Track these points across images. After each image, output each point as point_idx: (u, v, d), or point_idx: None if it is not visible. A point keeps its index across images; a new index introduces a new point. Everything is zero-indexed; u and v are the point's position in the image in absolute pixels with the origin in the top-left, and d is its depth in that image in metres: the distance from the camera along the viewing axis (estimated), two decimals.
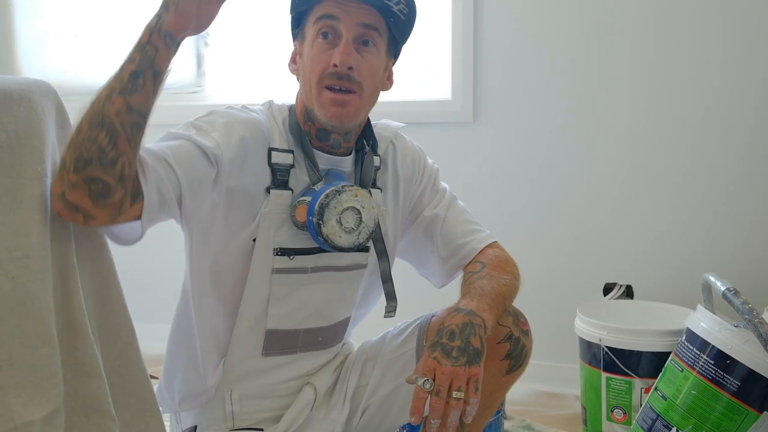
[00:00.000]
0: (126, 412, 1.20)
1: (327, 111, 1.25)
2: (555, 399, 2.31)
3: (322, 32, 1.24)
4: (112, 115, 1.02)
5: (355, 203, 1.25)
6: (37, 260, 0.98)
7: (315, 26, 1.25)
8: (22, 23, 2.94)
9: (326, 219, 1.22)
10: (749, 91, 2.18)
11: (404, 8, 1.27)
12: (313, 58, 1.25)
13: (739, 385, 1.54)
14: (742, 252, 2.22)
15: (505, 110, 2.40)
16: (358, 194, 1.25)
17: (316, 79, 1.24)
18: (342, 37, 1.24)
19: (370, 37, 1.26)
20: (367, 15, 1.25)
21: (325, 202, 1.22)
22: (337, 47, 1.23)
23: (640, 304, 2.19)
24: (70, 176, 1.00)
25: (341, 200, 1.23)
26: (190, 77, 2.82)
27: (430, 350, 1.16)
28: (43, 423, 0.98)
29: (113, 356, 1.19)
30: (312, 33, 1.26)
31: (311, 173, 1.27)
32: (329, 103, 1.24)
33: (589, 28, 2.30)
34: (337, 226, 1.23)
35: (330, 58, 1.23)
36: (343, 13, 1.23)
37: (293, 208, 1.26)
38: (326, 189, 1.24)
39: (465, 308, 1.22)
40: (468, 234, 1.44)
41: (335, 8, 1.23)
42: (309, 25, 1.27)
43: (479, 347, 1.16)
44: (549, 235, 2.41)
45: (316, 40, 1.25)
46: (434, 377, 1.12)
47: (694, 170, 2.26)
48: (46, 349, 0.99)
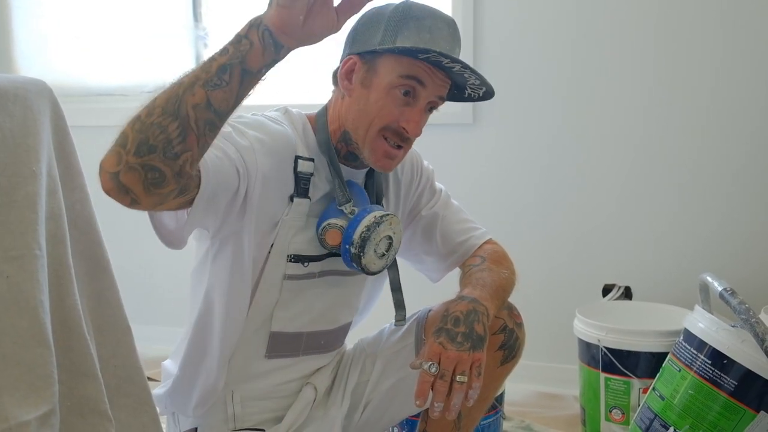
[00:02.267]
0: (122, 413, 1.20)
1: (378, 161, 1.27)
2: (554, 400, 2.30)
3: (404, 90, 1.22)
4: (189, 108, 0.96)
5: (389, 231, 1.28)
6: (32, 260, 0.98)
7: (399, 79, 1.21)
8: (20, 24, 2.94)
9: (366, 251, 1.25)
10: (749, 93, 2.18)
11: (478, 95, 1.31)
12: (384, 106, 1.23)
13: (736, 385, 1.54)
14: (741, 254, 2.22)
15: (506, 112, 2.40)
16: (393, 222, 1.28)
17: (378, 125, 1.24)
18: (419, 103, 1.24)
19: (436, 105, 1.28)
20: (445, 87, 1.26)
21: (367, 235, 1.24)
22: (409, 108, 1.23)
23: (638, 305, 2.19)
24: (129, 158, 0.94)
25: (380, 231, 1.25)
26: None
27: (435, 335, 1.19)
28: (38, 423, 0.98)
29: (109, 356, 1.19)
30: (392, 80, 1.22)
31: (340, 193, 1.28)
32: (382, 154, 1.26)
33: (589, 30, 2.30)
34: (373, 255, 1.26)
35: (401, 116, 1.23)
36: (431, 82, 1.23)
37: (323, 231, 1.26)
38: (362, 217, 1.25)
39: (469, 296, 1.25)
40: (466, 231, 1.47)
41: (426, 74, 1.22)
42: (390, 68, 1.22)
43: (482, 333, 1.20)
44: (548, 236, 2.41)
45: (393, 90, 1.22)
46: (439, 361, 1.15)
47: (693, 172, 2.25)
48: (41, 348, 0.99)
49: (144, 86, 2.84)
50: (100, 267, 1.18)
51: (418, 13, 1.22)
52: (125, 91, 2.86)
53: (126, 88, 2.86)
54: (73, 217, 1.13)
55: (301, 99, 2.44)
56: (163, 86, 0.97)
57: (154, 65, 2.84)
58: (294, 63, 2.82)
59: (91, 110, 2.80)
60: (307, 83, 2.54)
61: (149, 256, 2.82)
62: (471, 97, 1.33)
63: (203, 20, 2.77)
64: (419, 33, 1.20)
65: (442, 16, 1.25)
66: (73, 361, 1.08)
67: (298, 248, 1.28)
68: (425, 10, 1.23)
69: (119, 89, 2.87)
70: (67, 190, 1.12)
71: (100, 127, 2.89)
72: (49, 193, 1.07)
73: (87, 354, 1.09)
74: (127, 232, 2.82)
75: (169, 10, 2.78)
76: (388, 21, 1.22)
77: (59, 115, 1.11)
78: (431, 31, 1.21)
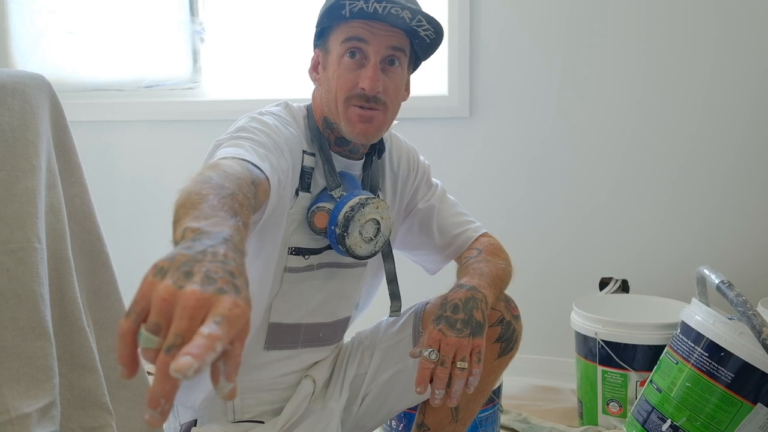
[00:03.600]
0: (123, 406, 1.21)
1: (354, 127, 1.27)
2: (551, 393, 2.31)
3: (350, 52, 1.25)
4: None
5: (376, 215, 1.28)
6: (31, 253, 0.98)
7: (342, 45, 1.24)
8: (16, 19, 2.93)
9: (350, 231, 1.25)
10: (744, 86, 2.18)
11: (431, 33, 1.27)
12: (340, 76, 1.25)
13: (733, 377, 1.55)
14: (737, 246, 2.23)
15: (502, 105, 2.40)
16: (379, 206, 1.28)
17: (343, 97, 1.26)
18: (369, 59, 1.24)
19: (395, 57, 1.27)
20: (395, 38, 1.25)
21: (350, 215, 1.24)
22: (364, 68, 1.24)
23: (635, 298, 2.20)
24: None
25: (365, 213, 1.26)
26: (186, 73, 2.82)
27: (434, 323, 1.20)
28: (39, 415, 0.98)
29: (109, 350, 1.20)
30: (338, 50, 1.25)
31: (329, 179, 1.29)
32: (357, 119, 1.26)
33: (584, 24, 2.30)
34: (358, 237, 1.27)
35: (357, 79, 1.24)
36: (372, 36, 1.23)
37: (312, 214, 1.28)
38: (349, 199, 1.26)
39: (467, 284, 1.27)
40: (462, 224, 1.48)
41: (364, 30, 1.23)
42: (335, 41, 1.26)
43: (482, 320, 1.21)
44: (545, 230, 2.41)
45: (342, 58, 1.25)
46: (439, 348, 1.16)
47: (689, 165, 2.26)
48: (41, 341, 1.00)
49: (140, 81, 2.84)
50: (99, 261, 1.19)
51: None
52: (121, 86, 2.85)
53: (122, 83, 2.85)
54: (73, 211, 1.14)
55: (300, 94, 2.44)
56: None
57: (150, 60, 2.84)
58: (292, 61, 2.82)
59: (88, 105, 2.80)
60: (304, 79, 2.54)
61: (149, 251, 2.83)
62: (429, 37, 1.29)
63: (200, 15, 2.77)
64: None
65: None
66: (74, 354, 1.09)
67: (299, 241, 1.29)
68: None
69: (115, 84, 2.86)
70: (67, 185, 1.13)
71: (96, 122, 2.92)
72: (48, 187, 1.07)
73: (87, 347, 1.10)
74: (127, 227, 2.84)
75: (166, 5, 2.77)
76: (321, 5, 1.27)
77: (58, 110, 1.11)
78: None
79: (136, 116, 2.81)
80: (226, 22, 2.75)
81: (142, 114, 2.80)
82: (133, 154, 2.83)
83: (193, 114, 2.74)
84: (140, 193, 2.83)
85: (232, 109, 2.53)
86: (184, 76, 2.82)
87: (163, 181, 2.78)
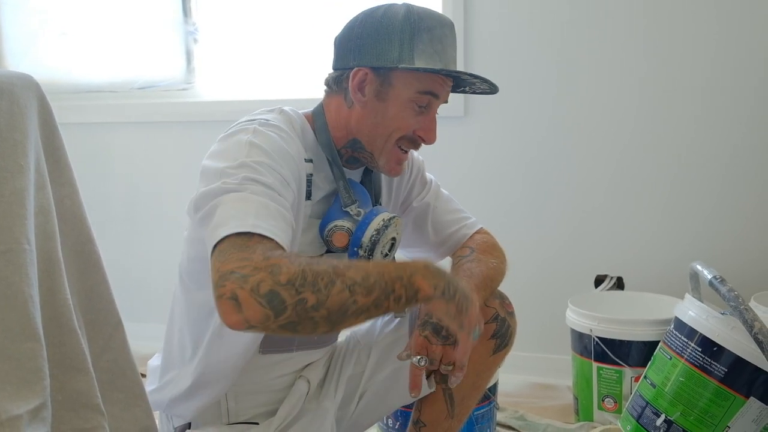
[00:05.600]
0: (115, 407, 1.20)
1: (392, 169, 1.31)
2: (547, 390, 2.31)
3: (420, 105, 1.25)
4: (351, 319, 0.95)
5: (395, 233, 1.29)
6: (20, 254, 0.98)
7: (417, 95, 1.24)
8: (8, 21, 2.92)
9: (375, 254, 1.25)
10: (740, 85, 2.18)
11: (486, 88, 1.32)
12: (403, 119, 1.25)
13: (726, 372, 1.55)
14: (731, 244, 2.23)
15: (496, 104, 2.39)
16: (398, 224, 1.29)
17: (397, 137, 1.27)
18: (432, 110, 1.28)
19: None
20: (449, 93, 1.30)
21: (377, 239, 1.24)
22: (423, 116, 1.26)
23: (630, 295, 2.20)
24: (271, 323, 0.89)
25: (387, 234, 1.26)
26: (180, 74, 2.81)
27: (420, 329, 1.21)
28: (29, 417, 0.98)
29: (101, 351, 1.19)
30: (410, 95, 1.24)
31: (345, 195, 1.28)
32: (395, 162, 1.30)
33: (580, 21, 2.29)
34: (380, 257, 1.28)
35: (416, 125, 1.26)
36: (443, 92, 1.27)
37: (330, 233, 1.26)
38: (371, 220, 1.25)
39: None
40: (457, 222, 1.48)
41: (441, 87, 1.26)
42: (407, 83, 1.24)
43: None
44: (541, 228, 2.41)
45: (410, 104, 1.25)
46: (427, 355, 1.19)
47: (685, 163, 2.26)
48: (31, 343, 0.99)
49: (133, 83, 2.83)
50: (90, 262, 1.18)
51: (428, 23, 1.23)
52: (115, 88, 2.85)
53: (115, 84, 2.85)
54: (63, 213, 1.13)
55: (293, 94, 2.44)
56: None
57: (143, 62, 2.83)
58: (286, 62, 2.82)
59: (80, 107, 2.79)
60: (300, 78, 2.54)
61: (143, 252, 2.83)
62: (467, 90, 1.36)
63: (192, 15, 2.76)
64: (432, 45, 1.22)
65: (446, 21, 1.27)
66: (65, 356, 1.08)
67: (300, 249, 1.27)
68: (432, 18, 1.24)
69: (109, 86, 2.85)
70: (56, 185, 1.12)
71: (89, 124, 2.92)
72: (37, 188, 1.06)
73: (78, 348, 1.09)
74: (121, 228, 2.83)
75: (159, 6, 2.77)
76: (401, 34, 1.21)
77: (47, 110, 1.11)
78: (441, 40, 1.24)
79: (129, 118, 2.81)
80: (220, 23, 2.75)
81: (136, 115, 2.80)
82: (126, 156, 2.83)
83: (187, 115, 2.73)
84: (134, 194, 2.83)
85: (226, 110, 2.52)
86: (178, 77, 2.82)
87: (158, 183, 2.78)
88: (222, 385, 1.31)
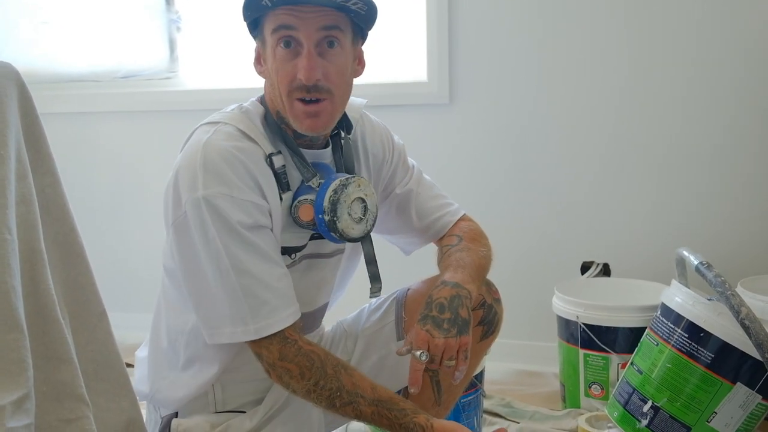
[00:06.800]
0: (101, 397, 1.19)
1: (302, 124, 1.22)
2: (534, 377, 2.32)
3: (283, 41, 1.19)
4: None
5: (360, 193, 1.27)
6: (2, 244, 0.97)
7: (273, 36, 1.20)
8: None
9: (340, 214, 1.23)
10: (728, 70, 2.18)
11: (363, 6, 1.20)
12: (277, 69, 1.21)
13: (713, 357, 1.56)
14: (717, 230, 2.23)
15: (482, 91, 2.39)
16: (361, 183, 1.27)
17: (285, 91, 1.21)
18: (303, 46, 1.18)
19: (333, 37, 1.20)
20: (326, 17, 1.18)
21: (335, 198, 1.23)
22: (299, 57, 1.19)
23: (616, 282, 2.21)
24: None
25: (349, 193, 1.24)
26: (163, 63, 2.79)
27: (421, 323, 1.20)
28: (13, 407, 0.97)
29: (86, 342, 1.18)
30: (271, 42, 1.20)
31: (303, 170, 1.26)
32: (303, 116, 1.22)
33: (565, 7, 2.29)
34: (349, 219, 1.25)
35: (295, 70, 1.19)
36: (300, 20, 1.17)
37: (295, 209, 1.25)
38: (329, 184, 1.24)
39: (451, 281, 1.26)
40: (441, 208, 1.47)
41: (291, 17, 1.17)
42: (266, 32, 1.21)
43: (467, 317, 1.21)
44: (527, 214, 2.41)
45: (276, 49, 1.20)
46: (428, 348, 1.17)
47: (670, 150, 2.27)
48: (14, 333, 0.98)
49: (117, 72, 2.80)
50: (73, 252, 1.17)
51: None
52: (98, 77, 2.82)
53: (98, 73, 2.82)
54: (44, 202, 1.12)
55: None
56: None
57: (126, 50, 2.80)
58: None
59: (64, 96, 2.77)
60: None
61: (128, 241, 2.81)
62: (362, 10, 1.22)
63: (175, 4, 2.74)
64: None
65: None
66: (48, 347, 1.07)
67: (284, 240, 1.27)
68: None
69: (91, 75, 2.82)
70: (38, 175, 1.11)
71: (73, 114, 2.89)
72: (18, 178, 1.05)
73: (62, 339, 1.08)
74: (106, 218, 2.81)
75: None
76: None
77: (27, 99, 1.09)
78: None
79: (113, 107, 2.78)
80: (202, 11, 2.72)
81: (120, 105, 2.78)
82: (110, 145, 2.80)
83: (171, 104, 2.71)
84: (118, 183, 2.81)
85: (210, 98, 2.50)
86: (161, 65, 2.79)
87: (142, 172, 2.76)
88: (210, 372, 1.30)
